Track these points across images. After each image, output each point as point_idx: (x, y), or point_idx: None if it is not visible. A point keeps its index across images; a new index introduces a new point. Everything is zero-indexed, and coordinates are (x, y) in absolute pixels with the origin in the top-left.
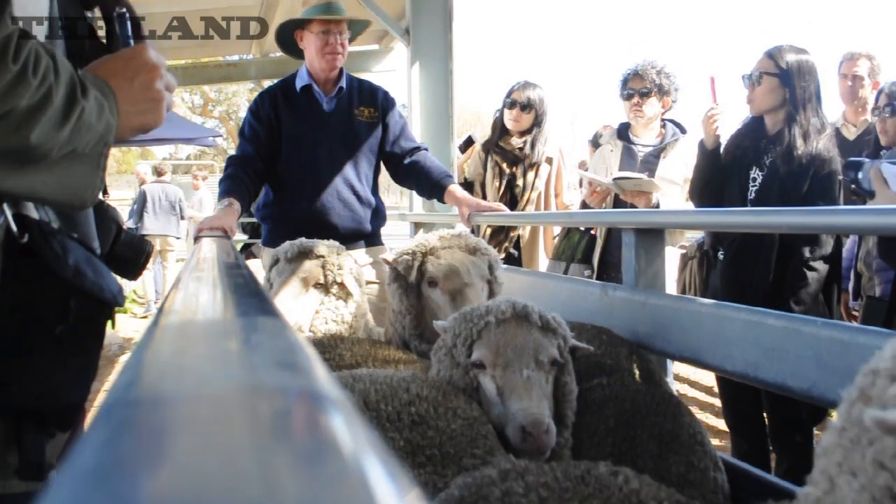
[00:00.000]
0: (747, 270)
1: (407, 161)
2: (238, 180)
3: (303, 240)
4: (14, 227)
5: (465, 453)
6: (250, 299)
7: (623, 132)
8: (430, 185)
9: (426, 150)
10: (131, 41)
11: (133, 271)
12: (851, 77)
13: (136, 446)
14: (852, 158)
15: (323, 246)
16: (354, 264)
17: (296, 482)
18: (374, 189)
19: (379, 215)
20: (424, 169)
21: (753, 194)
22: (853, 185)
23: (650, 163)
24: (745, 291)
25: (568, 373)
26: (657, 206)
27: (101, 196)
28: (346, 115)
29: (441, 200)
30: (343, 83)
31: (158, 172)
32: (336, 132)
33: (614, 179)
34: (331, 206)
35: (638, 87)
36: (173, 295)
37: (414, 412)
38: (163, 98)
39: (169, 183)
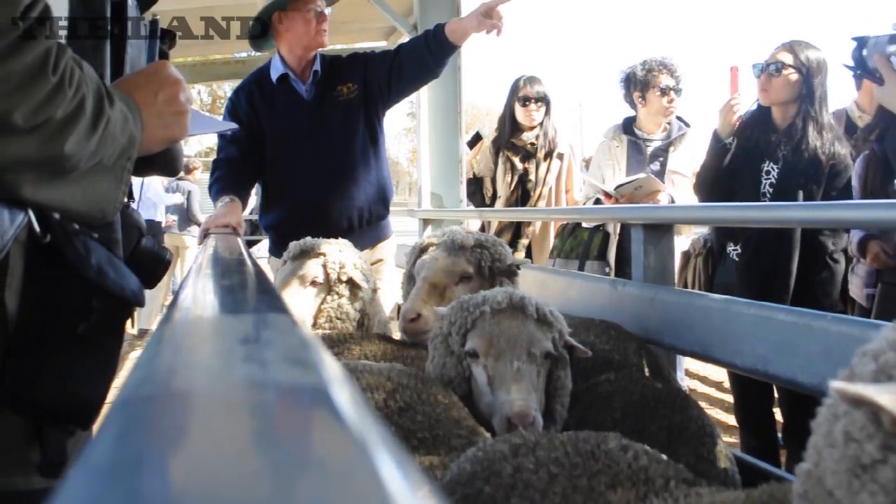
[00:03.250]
0: (771, 267)
1: (398, 66)
2: (227, 180)
3: (308, 238)
4: (37, 227)
5: (452, 434)
6: (260, 296)
7: (628, 127)
8: (422, 48)
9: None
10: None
11: (150, 280)
12: None
13: (149, 443)
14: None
15: (326, 244)
16: (360, 260)
17: (308, 479)
18: (374, 169)
19: (381, 199)
20: (409, 49)
21: (768, 188)
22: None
23: (660, 156)
24: (768, 289)
25: (563, 367)
26: (672, 202)
27: (125, 200)
28: (326, 99)
29: (446, 42)
30: (317, 66)
31: (187, 170)
32: (321, 120)
33: (616, 188)
34: (332, 200)
35: (671, 83)
36: (183, 292)
37: (399, 399)
38: (187, 111)
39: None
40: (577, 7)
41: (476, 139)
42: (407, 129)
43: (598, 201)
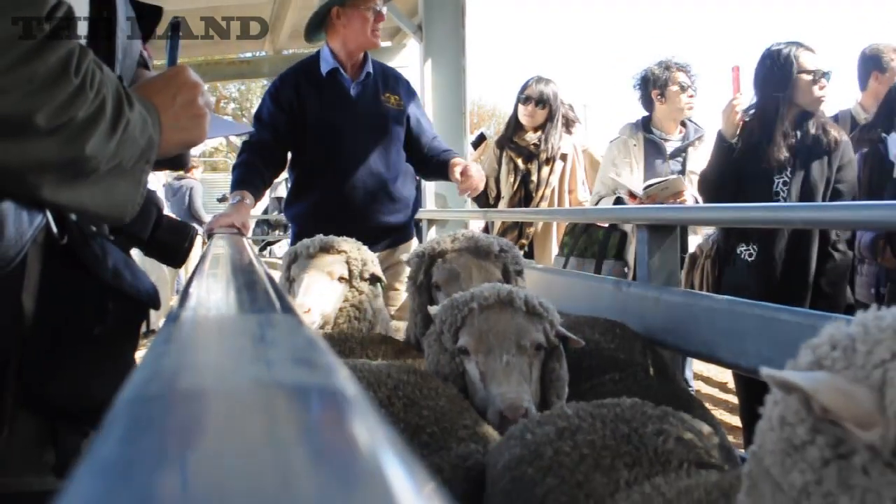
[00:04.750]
0: (788, 268)
1: (432, 158)
2: (251, 168)
3: (321, 236)
4: (55, 229)
5: (458, 426)
6: (266, 295)
7: (645, 125)
8: (431, 159)
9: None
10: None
11: (176, 257)
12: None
13: (155, 442)
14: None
15: (344, 242)
16: (376, 258)
17: (314, 478)
18: (407, 179)
19: (409, 209)
20: (431, 145)
21: (781, 186)
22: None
23: (679, 155)
24: (787, 291)
25: (557, 359)
26: (697, 202)
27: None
28: (373, 101)
29: (446, 173)
30: (369, 68)
31: (186, 168)
32: (363, 119)
33: (644, 189)
34: (358, 199)
35: (688, 82)
36: (189, 292)
37: (402, 395)
38: (205, 114)
39: (190, 179)
40: (583, 7)
41: (480, 139)
42: None
43: (618, 201)
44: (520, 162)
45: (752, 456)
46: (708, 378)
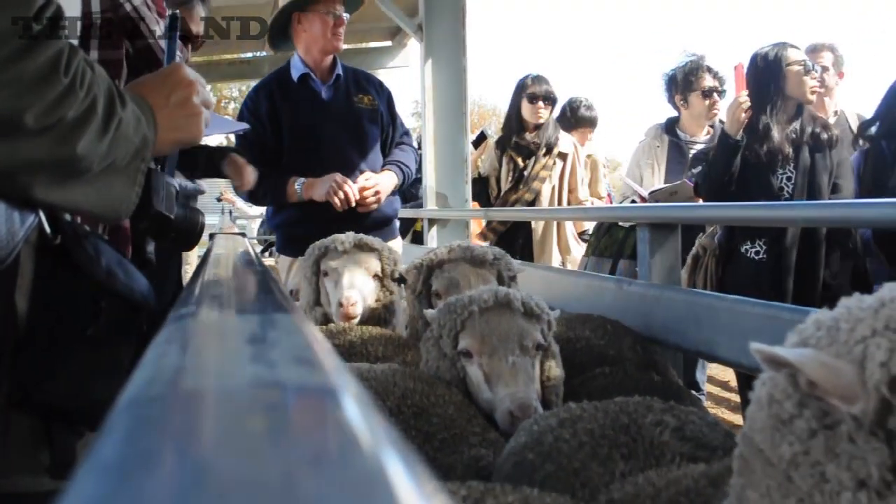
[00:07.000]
0: (799, 264)
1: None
2: (273, 174)
3: (352, 233)
4: (48, 229)
5: (468, 432)
6: (267, 296)
7: (670, 128)
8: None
9: (405, 144)
10: (176, 56)
11: (190, 240)
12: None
13: (157, 442)
14: None
15: (375, 240)
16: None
17: (315, 478)
18: None
19: (392, 204)
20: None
21: (786, 182)
22: None
23: (702, 159)
24: (797, 286)
25: (552, 357)
26: None
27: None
28: (345, 102)
29: None
30: (339, 70)
31: None
32: (338, 121)
33: (651, 193)
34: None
35: (713, 85)
36: (190, 291)
37: (411, 404)
38: (201, 113)
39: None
40: (582, 7)
41: (481, 139)
42: (412, 129)
43: (634, 202)
44: (520, 160)
45: (742, 437)
46: (710, 376)
